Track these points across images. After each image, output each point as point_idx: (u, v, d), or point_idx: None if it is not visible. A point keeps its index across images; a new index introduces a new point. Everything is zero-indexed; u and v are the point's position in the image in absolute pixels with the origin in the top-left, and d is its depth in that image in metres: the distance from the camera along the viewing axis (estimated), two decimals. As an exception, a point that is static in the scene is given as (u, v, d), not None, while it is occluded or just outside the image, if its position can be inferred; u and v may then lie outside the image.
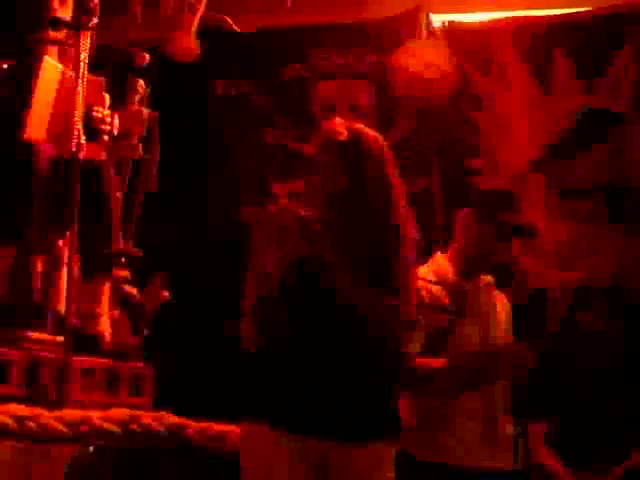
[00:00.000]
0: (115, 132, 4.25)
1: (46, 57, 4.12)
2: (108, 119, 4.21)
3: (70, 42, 4.06)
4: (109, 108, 4.30)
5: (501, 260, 3.57)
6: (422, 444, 3.41)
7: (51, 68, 4.12)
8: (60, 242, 3.99)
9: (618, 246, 5.36)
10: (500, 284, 3.76)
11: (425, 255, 3.59)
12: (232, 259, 5.63)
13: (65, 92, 4.02)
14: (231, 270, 5.40)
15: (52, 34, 4.13)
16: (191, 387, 5.15)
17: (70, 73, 3.98)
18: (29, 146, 3.97)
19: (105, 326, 4.13)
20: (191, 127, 5.85)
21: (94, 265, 4.03)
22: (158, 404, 4.07)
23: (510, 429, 3.52)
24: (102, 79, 4.29)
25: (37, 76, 4.06)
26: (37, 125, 4.03)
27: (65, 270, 3.90)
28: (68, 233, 3.83)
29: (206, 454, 3.29)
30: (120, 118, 4.38)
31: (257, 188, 6.04)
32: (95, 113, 4.13)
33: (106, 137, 4.20)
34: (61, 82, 4.11)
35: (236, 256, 4.56)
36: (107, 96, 4.33)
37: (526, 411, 3.61)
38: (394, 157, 2.95)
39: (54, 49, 4.23)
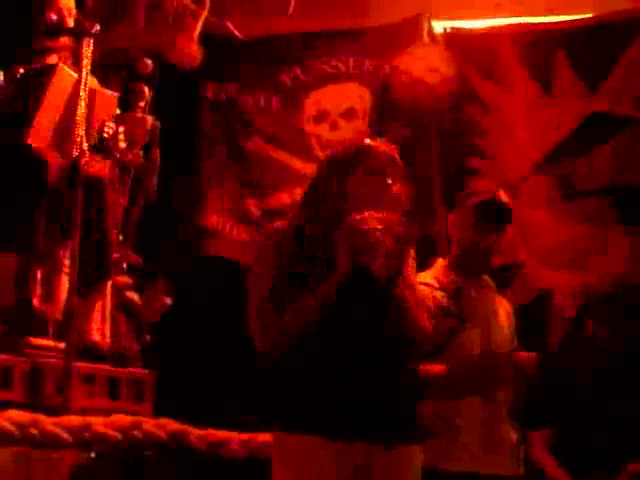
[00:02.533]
0: (121, 145, 4.23)
1: (60, 65, 4.11)
2: (115, 134, 4.19)
3: (74, 49, 4.06)
4: (115, 119, 4.30)
5: (504, 262, 3.55)
6: (425, 450, 3.40)
7: (64, 76, 4.10)
8: (60, 250, 3.99)
9: (623, 247, 5.35)
10: (503, 286, 3.76)
11: (427, 260, 3.60)
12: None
13: (74, 100, 4.00)
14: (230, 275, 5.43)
15: (58, 42, 4.14)
16: (193, 393, 5.14)
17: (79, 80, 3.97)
18: (34, 152, 3.96)
19: (100, 336, 4.12)
20: (183, 130, 5.85)
21: (91, 277, 4.02)
22: (159, 410, 4.07)
23: (512, 435, 3.50)
24: (116, 95, 4.28)
25: (48, 83, 4.05)
26: (41, 131, 4.02)
27: (65, 278, 3.91)
28: (69, 241, 3.83)
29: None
30: (124, 125, 4.38)
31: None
32: (106, 129, 4.12)
33: (114, 153, 4.19)
34: (73, 91, 4.08)
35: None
36: (118, 111, 4.33)
37: (527, 418, 3.60)
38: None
39: (65, 58, 4.23)
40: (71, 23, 4.22)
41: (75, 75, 4.11)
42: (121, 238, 4.33)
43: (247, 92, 6.17)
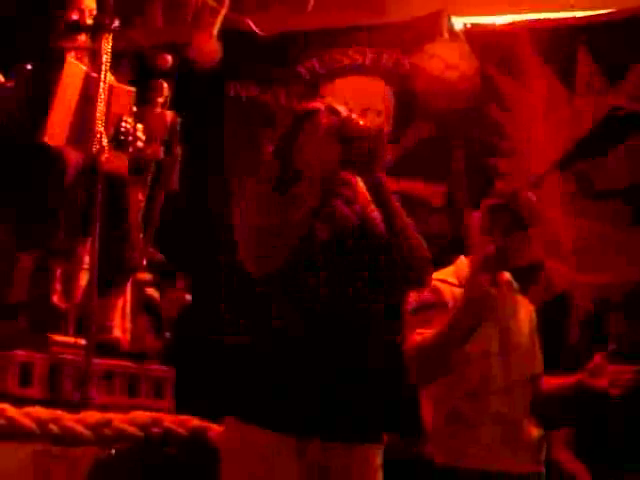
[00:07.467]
0: (140, 144, 4.22)
1: (69, 59, 4.10)
2: (134, 130, 4.18)
3: (92, 46, 4.06)
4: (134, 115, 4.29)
5: (523, 262, 3.52)
6: (443, 447, 3.39)
7: (74, 70, 4.09)
8: (80, 247, 3.98)
9: (640, 247, 5.33)
10: (525, 285, 3.73)
11: (450, 258, 3.59)
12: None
13: (90, 95, 3.99)
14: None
15: (76, 41, 4.13)
16: (212, 389, 5.13)
17: (95, 76, 3.96)
18: (51, 149, 3.95)
19: (120, 334, 4.12)
20: (201, 127, 5.82)
21: (111, 273, 4.01)
22: (179, 407, 4.08)
23: (533, 432, 3.49)
24: (133, 89, 4.27)
25: (59, 78, 4.04)
26: (57, 128, 4.01)
27: (84, 275, 3.91)
28: (89, 238, 3.82)
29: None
30: (144, 120, 4.37)
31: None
32: (124, 124, 4.11)
33: (131, 149, 4.18)
34: (85, 85, 4.07)
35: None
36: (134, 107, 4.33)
37: (548, 417, 3.58)
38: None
39: (83, 55, 4.22)
40: (90, 22, 4.21)
41: (84, 68, 4.10)
42: (141, 235, 4.32)
43: (266, 89, 6.14)
